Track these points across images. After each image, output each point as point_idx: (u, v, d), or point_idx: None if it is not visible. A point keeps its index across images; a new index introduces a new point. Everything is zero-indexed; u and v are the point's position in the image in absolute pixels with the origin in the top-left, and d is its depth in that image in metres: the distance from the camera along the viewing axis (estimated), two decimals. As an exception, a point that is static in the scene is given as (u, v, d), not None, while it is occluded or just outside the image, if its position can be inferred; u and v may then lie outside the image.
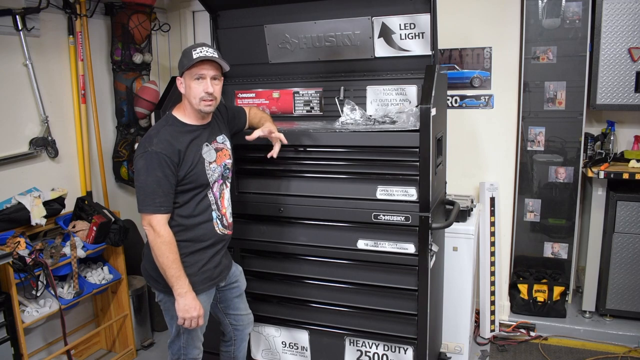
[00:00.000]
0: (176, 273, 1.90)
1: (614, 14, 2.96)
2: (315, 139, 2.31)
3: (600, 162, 3.12)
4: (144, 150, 1.89)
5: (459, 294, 2.82)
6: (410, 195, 2.20)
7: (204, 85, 1.93)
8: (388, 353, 2.40)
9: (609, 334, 3.08)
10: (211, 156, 2.03)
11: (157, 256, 1.90)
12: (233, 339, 2.37)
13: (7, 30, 2.63)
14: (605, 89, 3.05)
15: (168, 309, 2.09)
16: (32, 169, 2.83)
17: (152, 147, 1.87)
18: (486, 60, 3.18)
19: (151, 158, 1.86)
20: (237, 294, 2.30)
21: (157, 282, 2.04)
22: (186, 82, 1.95)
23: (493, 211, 3.18)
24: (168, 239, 1.89)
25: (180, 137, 1.95)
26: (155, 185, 1.86)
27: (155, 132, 1.94)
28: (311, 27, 2.57)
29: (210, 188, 2.03)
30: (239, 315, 2.33)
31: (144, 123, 3.39)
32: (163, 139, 1.90)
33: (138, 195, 1.90)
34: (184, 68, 1.93)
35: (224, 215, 2.11)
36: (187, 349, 2.13)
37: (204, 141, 2.02)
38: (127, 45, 3.23)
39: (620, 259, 3.10)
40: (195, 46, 1.94)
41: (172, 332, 2.13)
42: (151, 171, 1.86)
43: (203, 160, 1.99)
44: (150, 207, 1.87)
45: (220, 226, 2.08)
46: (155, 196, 1.87)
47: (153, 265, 1.99)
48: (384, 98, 2.59)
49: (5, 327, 2.37)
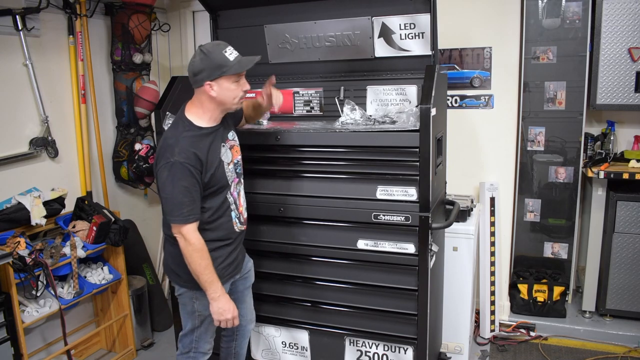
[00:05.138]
0: (209, 278, 1.92)
1: (614, 14, 2.96)
2: (315, 139, 2.31)
3: (600, 162, 3.12)
4: (166, 161, 1.85)
5: (459, 294, 2.82)
6: (410, 195, 2.20)
7: (242, 85, 1.93)
8: (388, 353, 2.40)
9: (609, 334, 3.08)
10: (228, 157, 2.04)
11: (190, 263, 1.90)
12: (235, 333, 2.39)
13: (7, 30, 2.63)
14: (605, 89, 3.05)
15: (185, 304, 2.11)
16: (32, 169, 2.83)
17: (175, 157, 1.84)
18: (486, 60, 3.18)
19: (175, 169, 1.84)
20: (247, 284, 2.33)
21: (178, 276, 2.06)
22: (223, 85, 1.89)
23: (493, 211, 3.18)
24: (199, 246, 1.90)
25: (199, 143, 1.92)
26: (181, 195, 1.85)
27: (174, 141, 1.89)
28: (311, 27, 2.57)
29: (229, 188, 2.05)
30: (245, 310, 2.35)
31: (144, 123, 3.39)
32: (184, 148, 1.86)
33: (165, 206, 1.89)
34: (225, 73, 1.86)
35: (241, 213, 2.14)
36: (199, 343, 2.15)
37: (220, 142, 2.01)
38: (127, 45, 3.23)
39: (620, 259, 3.10)
40: (224, 47, 1.88)
41: (185, 326, 2.15)
42: (176, 182, 1.85)
43: (222, 163, 2.00)
44: (179, 217, 1.86)
45: (238, 224, 2.12)
46: (183, 206, 1.86)
47: (174, 259, 2.02)
48: (384, 98, 2.59)
49: (5, 327, 2.37)
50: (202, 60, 1.88)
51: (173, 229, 1.91)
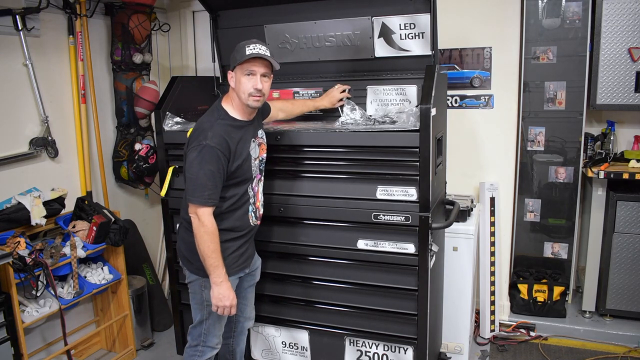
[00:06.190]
0: (215, 262, 1.97)
1: (614, 14, 2.96)
2: (315, 139, 2.31)
3: (600, 162, 3.12)
4: (198, 143, 1.92)
5: (459, 294, 2.82)
6: (410, 195, 2.20)
7: (253, 81, 1.97)
8: (388, 353, 2.40)
9: (609, 334, 3.08)
10: (256, 152, 2.11)
11: (199, 244, 1.96)
12: (233, 330, 2.41)
13: (7, 30, 2.63)
14: (605, 89, 3.05)
15: (195, 292, 2.15)
16: (32, 169, 2.83)
17: (207, 140, 1.91)
18: (486, 60, 3.18)
19: (206, 152, 1.91)
20: (252, 282, 2.36)
21: (190, 262, 2.12)
22: (237, 77, 1.99)
23: (493, 211, 3.18)
24: (211, 229, 1.95)
25: (232, 132, 2.00)
26: (205, 178, 1.91)
27: (209, 126, 1.97)
28: (311, 27, 2.58)
29: (251, 182, 2.11)
30: (245, 306, 2.38)
31: (144, 123, 3.39)
32: (217, 134, 1.94)
33: (188, 185, 1.95)
34: (236, 62, 1.96)
35: (257, 208, 2.19)
36: (208, 337, 2.18)
37: (251, 137, 2.09)
38: (127, 45, 3.23)
39: (620, 259, 3.10)
40: (249, 42, 1.97)
41: (195, 317, 2.19)
42: (204, 164, 1.91)
43: (250, 157, 2.06)
44: (199, 198, 1.92)
45: (254, 218, 2.17)
46: (205, 189, 1.91)
47: (187, 246, 2.09)
48: (384, 98, 2.59)
49: (5, 327, 2.37)
50: (233, 51, 2.01)
51: (190, 208, 1.96)
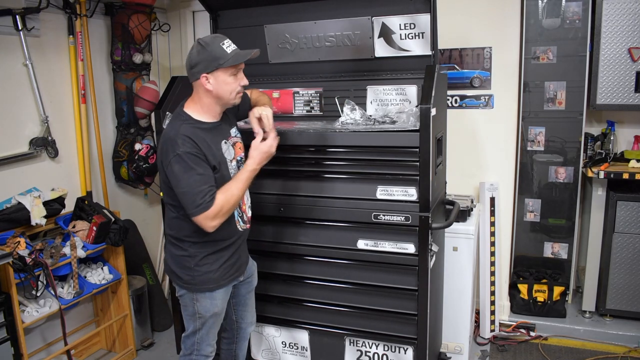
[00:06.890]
0: (244, 176, 1.93)
1: (614, 14, 2.96)
2: (315, 139, 2.31)
3: (600, 162, 3.12)
4: (173, 154, 1.81)
5: (459, 294, 2.82)
6: (410, 195, 2.20)
7: (239, 78, 1.90)
8: (388, 353, 2.40)
9: (609, 334, 3.08)
10: (231, 154, 2.01)
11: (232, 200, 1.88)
12: (235, 336, 2.39)
13: (7, 30, 2.63)
14: (605, 89, 3.05)
15: (186, 305, 2.10)
16: (32, 169, 2.83)
17: (180, 148, 1.81)
18: (486, 60, 3.18)
19: (185, 159, 1.81)
20: (250, 288, 2.32)
21: (179, 277, 2.05)
22: (219, 78, 1.86)
23: (493, 211, 3.18)
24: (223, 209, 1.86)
25: (199, 135, 1.88)
26: (198, 184, 1.81)
27: (175, 134, 1.85)
28: (311, 27, 2.57)
29: None
30: (246, 312, 2.35)
31: (144, 123, 3.39)
32: (185, 139, 1.83)
33: (185, 200, 1.83)
34: (219, 65, 1.83)
35: (244, 212, 2.11)
36: (201, 345, 2.14)
37: (222, 139, 1.98)
38: (127, 45, 3.23)
39: (620, 259, 3.10)
40: (221, 39, 1.87)
41: (188, 328, 2.14)
42: (190, 171, 1.81)
43: (225, 160, 1.97)
44: (202, 206, 1.81)
45: (241, 223, 2.09)
46: (204, 195, 1.81)
47: (175, 260, 2.02)
48: (384, 98, 2.59)
49: (5, 327, 2.37)
50: (199, 52, 1.86)
51: (201, 222, 1.84)
